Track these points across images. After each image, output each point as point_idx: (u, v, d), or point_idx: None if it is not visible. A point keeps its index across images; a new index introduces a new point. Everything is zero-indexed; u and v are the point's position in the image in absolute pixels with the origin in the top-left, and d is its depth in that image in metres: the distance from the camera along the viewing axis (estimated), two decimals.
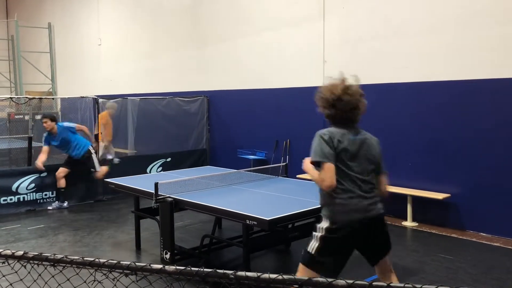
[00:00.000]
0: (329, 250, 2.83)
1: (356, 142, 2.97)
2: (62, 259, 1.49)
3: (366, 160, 2.95)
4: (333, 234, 2.80)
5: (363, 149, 2.97)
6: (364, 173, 2.92)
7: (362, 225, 2.82)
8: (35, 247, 5.46)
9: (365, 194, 2.87)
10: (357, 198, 2.84)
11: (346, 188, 2.85)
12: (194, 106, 9.31)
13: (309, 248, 2.86)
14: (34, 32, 15.79)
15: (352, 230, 2.80)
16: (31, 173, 7.32)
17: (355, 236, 2.84)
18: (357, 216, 2.81)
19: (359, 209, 2.82)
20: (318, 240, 2.83)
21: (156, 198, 4.43)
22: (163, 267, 1.44)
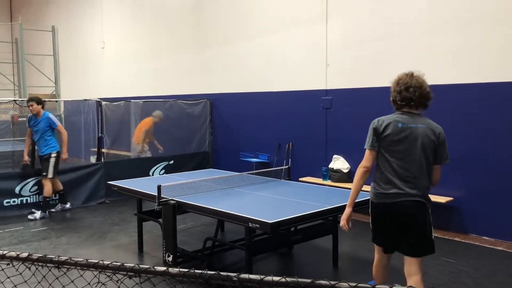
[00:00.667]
0: (371, 222, 3.37)
1: (405, 130, 3.16)
2: (67, 261, 1.50)
3: (413, 149, 3.13)
4: (371, 209, 3.33)
5: (411, 137, 3.15)
6: (406, 160, 3.12)
7: (386, 210, 3.19)
8: (38, 249, 5.48)
9: (401, 181, 3.13)
10: (390, 184, 3.14)
11: (383, 173, 3.19)
12: (197, 109, 9.33)
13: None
14: (38, 35, 15.86)
15: (379, 212, 3.25)
16: (34, 175, 7.34)
17: (383, 218, 3.24)
18: (384, 201, 3.18)
19: (389, 195, 3.15)
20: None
21: (159, 200, 4.44)
22: (167, 269, 1.45)
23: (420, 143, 3.14)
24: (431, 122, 3.25)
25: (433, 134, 3.19)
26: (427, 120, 3.26)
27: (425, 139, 3.15)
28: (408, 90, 3.18)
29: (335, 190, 5.11)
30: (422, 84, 3.21)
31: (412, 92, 3.18)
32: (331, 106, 7.20)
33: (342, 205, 4.16)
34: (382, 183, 3.18)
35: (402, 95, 3.20)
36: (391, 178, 3.13)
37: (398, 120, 3.18)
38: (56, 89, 15.69)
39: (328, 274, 4.60)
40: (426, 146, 3.15)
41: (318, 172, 7.30)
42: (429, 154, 3.18)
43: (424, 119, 3.24)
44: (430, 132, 3.19)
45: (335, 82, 7.17)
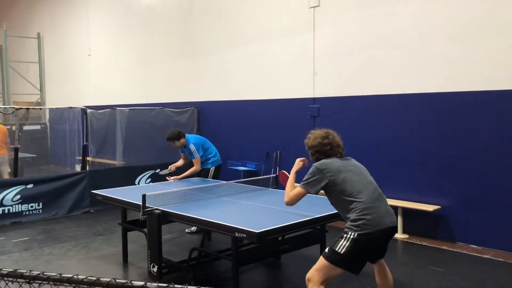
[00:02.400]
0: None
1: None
2: (38, 275, 1.42)
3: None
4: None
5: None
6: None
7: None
8: (19, 260, 5.33)
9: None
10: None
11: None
12: (184, 117, 9.25)
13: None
14: (23, 42, 15.68)
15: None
16: (17, 184, 7.19)
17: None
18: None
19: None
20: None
21: (143, 210, 4.35)
22: (145, 284, 1.38)
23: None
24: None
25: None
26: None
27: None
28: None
29: (323, 199, 5.04)
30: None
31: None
32: (319, 114, 7.19)
33: (330, 214, 4.13)
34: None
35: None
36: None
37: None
38: (41, 96, 15.49)
39: None
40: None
41: None
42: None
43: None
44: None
45: (322, 91, 7.16)
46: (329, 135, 3.51)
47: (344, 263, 3.20)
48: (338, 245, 3.21)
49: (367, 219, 3.18)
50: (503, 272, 4.79)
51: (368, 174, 3.47)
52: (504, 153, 5.38)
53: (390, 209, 3.37)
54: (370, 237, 3.17)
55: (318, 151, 3.49)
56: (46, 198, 7.43)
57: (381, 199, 3.36)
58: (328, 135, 3.50)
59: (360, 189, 3.29)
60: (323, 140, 3.47)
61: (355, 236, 3.17)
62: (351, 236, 3.18)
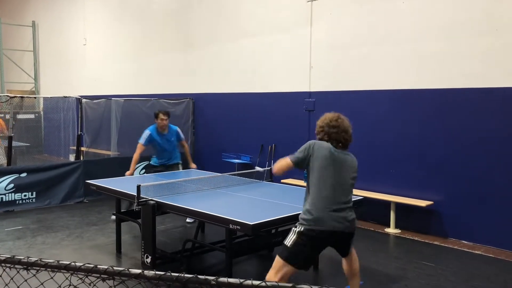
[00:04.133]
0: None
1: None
2: (36, 262, 1.43)
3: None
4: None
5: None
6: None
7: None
8: (12, 249, 5.33)
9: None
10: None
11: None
12: (179, 109, 9.23)
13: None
14: (18, 30, 15.54)
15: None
16: (10, 173, 7.16)
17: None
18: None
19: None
20: None
21: (138, 200, 4.36)
22: (142, 272, 1.39)
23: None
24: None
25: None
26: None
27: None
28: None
29: None
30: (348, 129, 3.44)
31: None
32: (314, 108, 7.20)
33: None
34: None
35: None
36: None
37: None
38: (35, 85, 15.39)
39: (308, 277, 4.57)
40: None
41: (300, 174, 7.26)
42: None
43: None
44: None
45: (318, 85, 7.17)
46: (339, 119, 3.45)
47: (291, 258, 3.19)
48: (287, 239, 3.26)
49: (313, 215, 3.21)
50: (493, 268, 4.85)
51: (349, 178, 3.37)
52: (497, 151, 5.43)
53: (348, 217, 3.31)
54: (313, 234, 3.18)
55: (324, 131, 3.42)
56: (40, 187, 7.41)
57: (342, 207, 3.29)
58: (338, 119, 3.44)
59: (326, 184, 3.25)
60: (331, 122, 3.42)
61: (301, 229, 3.22)
62: (297, 229, 3.24)
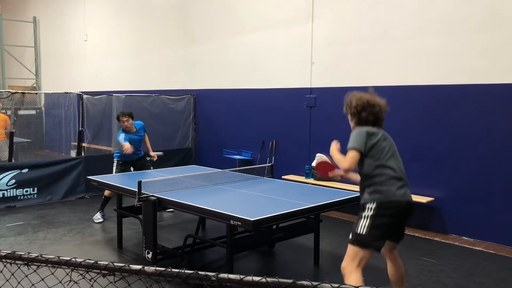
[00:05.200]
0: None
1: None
2: (37, 258, 1.43)
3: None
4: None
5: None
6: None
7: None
8: (14, 244, 5.34)
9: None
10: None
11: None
12: (180, 105, 9.22)
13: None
14: (19, 26, 15.52)
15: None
16: (12, 168, 7.17)
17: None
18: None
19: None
20: None
21: (139, 196, 4.37)
22: (142, 268, 1.39)
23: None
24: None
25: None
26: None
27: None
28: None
29: (318, 188, 5.09)
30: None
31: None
32: (315, 104, 7.19)
33: (324, 204, 4.16)
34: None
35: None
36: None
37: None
38: (36, 81, 15.39)
39: (309, 273, 4.58)
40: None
41: (301, 170, 7.29)
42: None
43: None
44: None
45: (319, 81, 7.16)
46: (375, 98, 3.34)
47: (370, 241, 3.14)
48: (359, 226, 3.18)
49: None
50: (494, 264, 4.85)
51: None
52: (498, 147, 5.42)
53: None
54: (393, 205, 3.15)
55: (364, 112, 3.32)
56: (41, 183, 7.42)
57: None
58: (374, 96, 3.34)
59: (391, 158, 3.28)
60: (371, 101, 3.31)
61: (375, 205, 3.15)
62: (372, 206, 3.16)
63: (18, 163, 7.55)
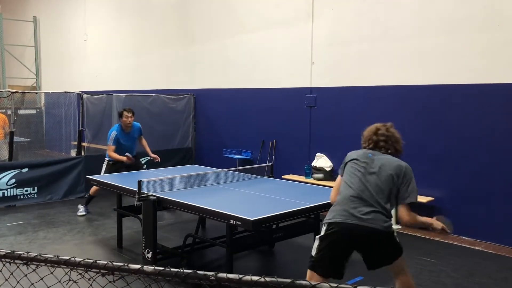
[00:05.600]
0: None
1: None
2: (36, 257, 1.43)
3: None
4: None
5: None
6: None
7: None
8: (14, 244, 5.34)
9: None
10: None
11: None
12: (180, 104, 9.22)
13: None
14: (19, 25, 15.52)
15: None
16: (12, 168, 7.18)
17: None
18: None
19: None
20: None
21: (139, 196, 4.37)
22: (141, 267, 1.39)
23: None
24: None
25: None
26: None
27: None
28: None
29: (318, 188, 5.09)
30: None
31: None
32: (315, 104, 7.19)
33: (324, 203, 4.16)
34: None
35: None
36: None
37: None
38: (37, 80, 15.39)
39: None
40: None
41: (301, 170, 7.29)
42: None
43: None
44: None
45: (319, 81, 7.16)
46: (378, 130, 3.61)
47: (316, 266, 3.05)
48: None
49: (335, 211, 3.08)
50: (493, 264, 4.85)
51: (379, 181, 3.21)
52: (498, 146, 5.41)
53: (372, 217, 3.02)
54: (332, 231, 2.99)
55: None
56: (41, 182, 7.42)
57: (366, 203, 3.05)
58: (378, 131, 3.62)
59: (352, 185, 3.11)
60: (369, 133, 3.63)
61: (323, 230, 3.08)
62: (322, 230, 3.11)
63: (18, 163, 7.56)
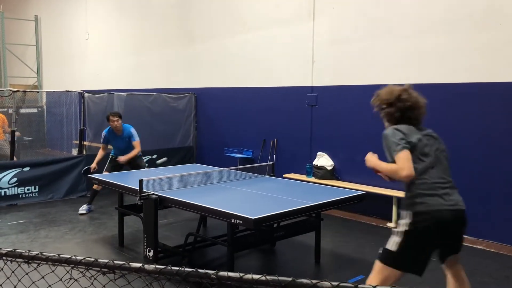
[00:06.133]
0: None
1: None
2: (37, 255, 1.43)
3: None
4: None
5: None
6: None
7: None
8: (15, 242, 5.36)
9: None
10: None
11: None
12: (181, 103, 9.23)
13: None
14: (20, 24, 15.53)
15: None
16: (13, 167, 7.19)
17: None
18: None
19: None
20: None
21: (140, 195, 4.37)
22: (142, 266, 1.40)
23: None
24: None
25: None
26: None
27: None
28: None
29: (319, 187, 5.09)
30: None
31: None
32: (316, 103, 7.19)
33: (325, 202, 4.16)
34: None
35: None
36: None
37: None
38: (38, 80, 15.40)
39: (310, 271, 4.59)
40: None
41: (302, 168, 7.29)
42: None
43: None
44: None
45: (321, 79, 7.15)
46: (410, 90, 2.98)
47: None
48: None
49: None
50: (495, 263, 4.85)
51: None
52: (499, 145, 5.41)
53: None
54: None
55: (394, 107, 3.04)
56: (43, 181, 7.43)
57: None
58: (410, 90, 3.00)
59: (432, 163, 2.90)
60: (403, 94, 3.02)
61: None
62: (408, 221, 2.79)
63: (19, 162, 7.57)
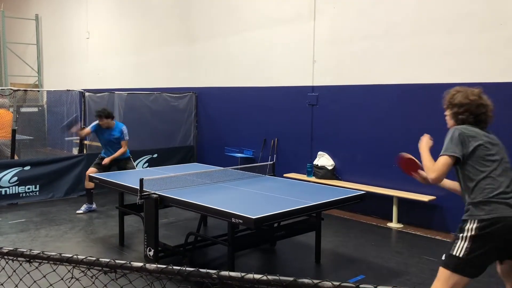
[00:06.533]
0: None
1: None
2: (38, 255, 1.43)
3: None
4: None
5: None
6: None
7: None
8: (16, 241, 5.36)
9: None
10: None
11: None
12: (182, 103, 9.23)
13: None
14: (21, 23, 15.54)
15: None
16: (14, 166, 7.19)
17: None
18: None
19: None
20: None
21: (141, 194, 4.37)
22: (144, 265, 1.40)
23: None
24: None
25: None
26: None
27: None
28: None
29: (319, 186, 5.09)
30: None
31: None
32: (317, 102, 7.19)
33: (326, 202, 4.16)
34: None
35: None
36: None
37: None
38: (39, 79, 15.41)
39: (310, 271, 4.59)
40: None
41: (302, 168, 7.29)
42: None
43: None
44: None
45: (321, 79, 7.15)
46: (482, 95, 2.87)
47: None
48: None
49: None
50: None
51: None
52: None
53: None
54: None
55: (467, 112, 2.91)
56: (43, 180, 7.43)
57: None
58: (482, 95, 2.89)
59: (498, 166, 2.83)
60: (479, 99, 2.91)
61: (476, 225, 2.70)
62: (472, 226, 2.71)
63: (20, 161, 7.57)
